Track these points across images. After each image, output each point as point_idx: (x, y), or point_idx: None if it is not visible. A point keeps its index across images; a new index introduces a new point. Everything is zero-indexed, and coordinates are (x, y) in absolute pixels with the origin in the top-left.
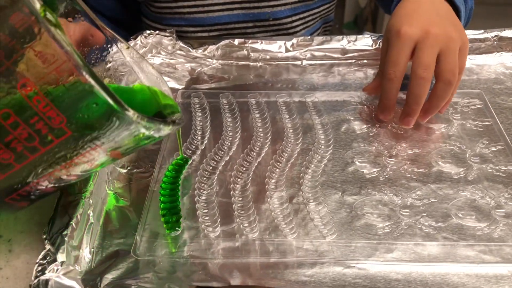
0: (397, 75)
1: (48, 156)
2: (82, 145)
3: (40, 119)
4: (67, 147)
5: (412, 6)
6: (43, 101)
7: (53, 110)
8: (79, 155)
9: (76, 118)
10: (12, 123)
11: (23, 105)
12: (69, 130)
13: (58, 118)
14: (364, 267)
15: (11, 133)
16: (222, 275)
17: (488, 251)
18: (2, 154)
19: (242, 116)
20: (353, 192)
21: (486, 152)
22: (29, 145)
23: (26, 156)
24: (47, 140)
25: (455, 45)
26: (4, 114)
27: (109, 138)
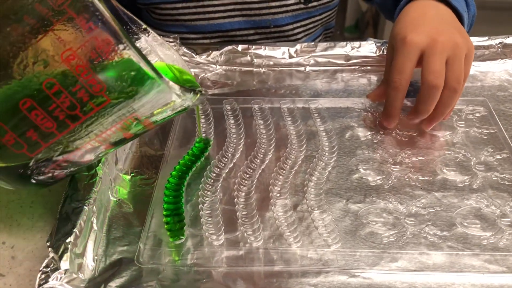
0: (402, 83)
1: (87, 125)
2: (119, 113)
3: (82, 87)
4: (106, 115)
5: (416, 13)
6: (85, 70)
7: (94, 78)
8: (116, 123)
9: (115, 85)
10: (56, 92)
11: (66, 74)
12: (109, 97)
13: (99, 86)
14: (368, 276)
15: (55, 101)
16: (226, 283)
17: (493, 261)
18: (46, 123)
19: (245, 122)
20: (357, 200)
21: (491, 160)
22: (70, 113)
23: (67, 125)
24: (88, 108)
25: (461, 53)
26: (48, 83)
27: (144, 105)
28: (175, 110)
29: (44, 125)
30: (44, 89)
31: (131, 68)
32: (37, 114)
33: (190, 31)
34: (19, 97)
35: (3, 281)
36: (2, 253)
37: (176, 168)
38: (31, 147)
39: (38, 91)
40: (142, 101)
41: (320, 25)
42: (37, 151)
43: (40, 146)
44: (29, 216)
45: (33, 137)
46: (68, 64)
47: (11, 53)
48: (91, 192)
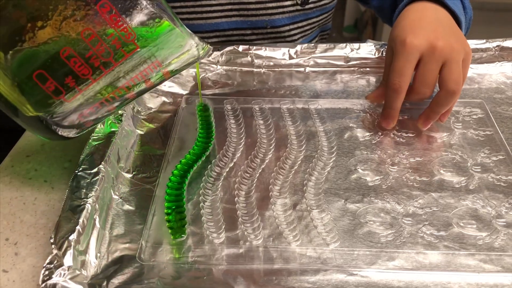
0: (402, 85)
1: (117, 71)
2: (145, 60)
3: (115, 35)
4: (133, 62)
5: (415, 16)
6: (119, 18)
7: (126, 27)
8: (141, 71)
9: (143, 34)
10: (93, 40)
11: (101, 23)
12: (138, 44)
13: (130, 34)
14: (366, 275)
15: (91, 49)
16: (226, 281)
17: (488, 260)
18: (83, 70)
19: (246, 122)
20: (356, 200)
21: (487, 162)
22: (105, 60)
23: (101, 71)
24: (119, 55)
25: (458, 56)
26: (86, 32)
27: (166, 53)
28: (187, 61)
29: (81, 72)
30: (82, 37)
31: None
32: (75, 61)
33: None
34: (59, 46)
35: (7, 277)
36: (6, 249)
37: (178, 167)
38: (68, 93)
39: (76, 40)
40: (165, 48)
41: (317, 27)
42: (73, 97)
43: (76, 92)
44: (32, 213)
45: (71, 84)
46: (103, 14)
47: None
48: (93, 190)
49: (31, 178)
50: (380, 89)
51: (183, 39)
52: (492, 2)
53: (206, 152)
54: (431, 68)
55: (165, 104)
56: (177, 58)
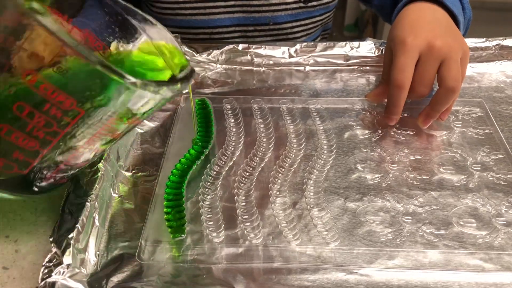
0: (405, 81)
1: (70, 136)
2: (99, 120)
3: (52, 105)
4: (85, 125)
5: (414, 16)
6: (50, 88)
7: (61, 95)
8: (99, 129)
9: (84, 97)
10: (28, 114)
11: (33, 95)
12: (82, 109)
13: (68, 101)
14: (366, 273)
15: (30, 123)
16: (226, 279)
17: (488, 259)
18: (28, 143)
19: (245, 121)
20: (355, 199)
21: (487, 160)
22: (49, 130)
23: (49, 141)
24: (64, 122)
25: (456, 55)
26: (19, 106)
27: (122, 107)
28: (157, 103)
29: (28, 145)
30: (16, 112)
31: (95, 76)
32: (17, 136)
33: (190, 26)
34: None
35: (7, 274)
36: (6, 246)
37: (177, 165)
38: (21, 165)
39: (11, 115)
40: (118, 104)
41: (320, 26)
42: (29, 168)
43: (30, 164)
44: (32, 210)
45: (20, 157)
46: (31, 85)
47: None
48: (93, 189)
49: None
50: (379, 88)
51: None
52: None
53: (206, 151)
54: (429, 66)
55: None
56: (140, 107)
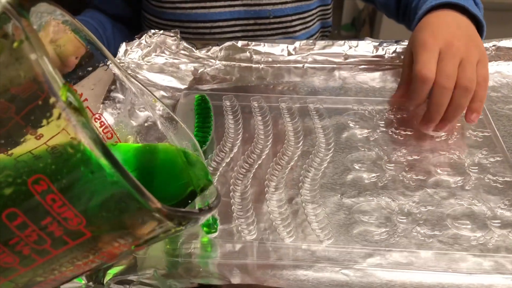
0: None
1: (60, 258)
2: (102, 246)
3: (54, 221)
4: (85, 248)
5: (434, 20)
6: (60, 201)
7: (71, 211)
8: (100, 254)
9: (98, 218)
10: (20, 225)
11: (34, 204)
12: (88, 231)
13: (76, 220)
14: (359, 274)
15: (18, 235)
16: (222, 273)
17: (482, 261)
18: (5, 258)
19: (244, 118)
20: (351, 195)
21: (485, 163)
22: (38, 247)
23: (33, 259)
24: (61, 242)
25: (473, 58)
26: (10, 214)
27: (136, 236)
28: (175, 233)
29: (3, 260)
30: (5, 221)
31: (122, 198)
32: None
33: (190, 20)
34: None
35: None
36: None
37: None
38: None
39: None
40: (134, 232)
41: (317, 19)
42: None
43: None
44: None
45: None
46: (36, 192)
47: None
48: None
49: None
50: (400, 90)
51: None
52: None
53: (204, 147)
54: (448, 61)
55: (164, 98)
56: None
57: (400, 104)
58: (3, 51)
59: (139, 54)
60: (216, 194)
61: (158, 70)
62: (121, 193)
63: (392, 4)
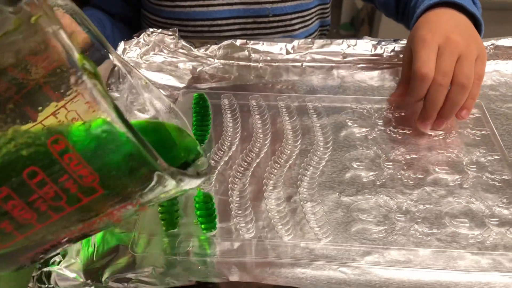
0: (428, 72)
1: (73, 215)
2: (111, 203)
3: (70, 178)
4: (95, 205)
5: (433, 17)
6: (76, 159)
7: (86, 169)
8: (107, 213)
9: (109, 176)
10: (39, 182)
11: (52, 163)
12: (101, 188)
13: (91, 177)
14: (357, 272)
15: (36, 192)
16: (220, 270)
17: (480, 259)
18: (24, 214)
19: (242, 116)
20: (350, 193)
21: (483, 161)
22: (54, 204)
23: (49, 216)
24: (75, 199)
25: (472, 54)
26: (31, 172)
27: (141, 195)
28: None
29: (22, 217)
30: (25, 178)
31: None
32: (14, 204)
33: (189, 18)
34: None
35: None
36: None
37: None
38: (4, 237)
39: (17, 179)
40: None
41: (316, 18)
42: (11, 242)
43: (15, 237)
44: None
45: (8, 229)
46: (55, 152)
47: None
48: None
49: None
50: (400, 88)
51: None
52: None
53: (202, 145)
54: (446, 57)
55: None
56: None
57: (398, 103)
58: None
59: (137, 52)
60: (207, 164)
61: (156, 69)
62: (131, 152)
63: (391, 3)
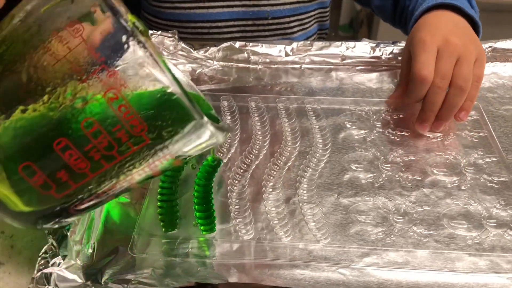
0: (428, 75)
1: (121, 165)
2: (154, 153)
3: (122, 128)
4: (141, 155)
5: (432, 19)
6: (128, 109)
7: (136, 119)
8: (149, 163)
9: (155, 126)
10: (94, 132)
11: (107, 113)
12: (148, 138)
13: (140, 126)
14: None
15: (92, 141)
16: (220, 272)
17: (478, 260)
18: (79, 164)
19: (241, 118)
20: (348, 195)
21: (481, 163)
22: (107, 153)
23: (101, 165)
24: (125, 148)
25: (471, 56)
26: (87, 123)
27: (180, 145)
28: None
29: (77, 166)
30: (82, 128)
31: (176, 109)
32: (71, 154)
33: (188, 20)
34: (53, 135)
35: (3, 269)
36: (2, 242)
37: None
38: (59, 187)
39: (75, 130)
40: (179, 141)
41: (314, 22)
42: (66, 192)
43: (69, 187)
44: None
45: (64, 178)
46: (110, 103)
47: (48, 88)
48: None
49: None
50: (398, 90)
51: (202, 128)
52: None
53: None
54: (445, 60)
55: None
56: (192, 149)
57: (396, 104)
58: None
59: None
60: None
61: None
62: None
63: (388, 7)
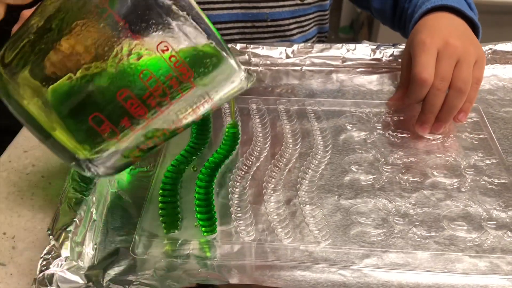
0: (428, 77)
1: (173, 110)
2: (198, 98)
3: (173, 76)
4: (189, 101)
5: (432, 21)
6: (178, 59)
7: (185, 67)
8: (193, 108)
9: (200, 72)
10: (150, 81)
11: (160, 64)
12: (194, 83)
13: (188, 74)
14: (356, 274)
15: (149, 90)
16: (221, 273)
17: (478, 262)
18: (139, 111)
19: (242, 120)
20: (349, 196)
21: (481, 165)
22: (161, 100)
23: (156, 111)
24: (175, 94)
25: (471, 58)
26: (144, 73)
27: (218, 90)
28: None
29: (138, 113)
30: (140, 79)
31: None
32: (132, 103)
33: None
34: (116, 87)
35: (4, 270)
36: (3, 243)
37: (173, 162)
38: (123, 134)
39: (134, 81)
40: (218, 85)
41: (313, 24)
42: (127, 138)
43: (130, 133)
44: (30, 207)
45: (126, 125)
46: (162, 55)
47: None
48: (91, 183)
49: (28, 174)
50: (399, 92)
51: (235, 73)
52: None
53: (202, 149)
54: (445, 62)
55: None
56: (227, 93)
57: (397, 106)
58: None
59: None
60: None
61: None
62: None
63: (388, 10)
